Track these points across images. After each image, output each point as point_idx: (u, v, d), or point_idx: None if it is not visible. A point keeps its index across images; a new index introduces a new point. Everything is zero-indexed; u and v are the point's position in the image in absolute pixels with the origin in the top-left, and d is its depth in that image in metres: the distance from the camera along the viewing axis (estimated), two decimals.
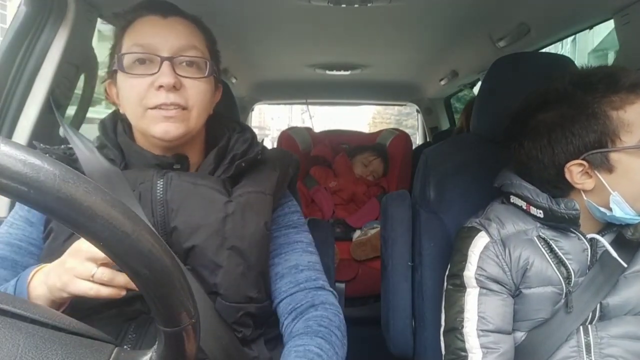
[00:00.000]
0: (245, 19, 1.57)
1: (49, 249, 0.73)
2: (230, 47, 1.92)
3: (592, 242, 0.85)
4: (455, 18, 1.53)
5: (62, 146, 0.81)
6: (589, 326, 0.86)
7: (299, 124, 5.22)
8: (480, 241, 0.89)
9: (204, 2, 1.35)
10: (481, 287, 0.86)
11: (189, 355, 0.44)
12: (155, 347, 0.43)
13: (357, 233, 2.23)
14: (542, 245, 0.85)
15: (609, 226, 0.86)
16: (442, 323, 0.91)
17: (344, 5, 1.33)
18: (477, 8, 1.43)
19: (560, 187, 0.84)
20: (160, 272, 0.39)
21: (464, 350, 0.85)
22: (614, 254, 0.81)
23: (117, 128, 0.82)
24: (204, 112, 0.80)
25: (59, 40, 1.10)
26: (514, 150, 0.89)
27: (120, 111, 0.80)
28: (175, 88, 0.73)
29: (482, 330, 0.84)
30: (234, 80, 2.45)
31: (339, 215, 2.36)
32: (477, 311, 0.85)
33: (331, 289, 0.86)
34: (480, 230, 0.90)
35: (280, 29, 1.70)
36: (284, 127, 3.16)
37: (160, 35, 0.75)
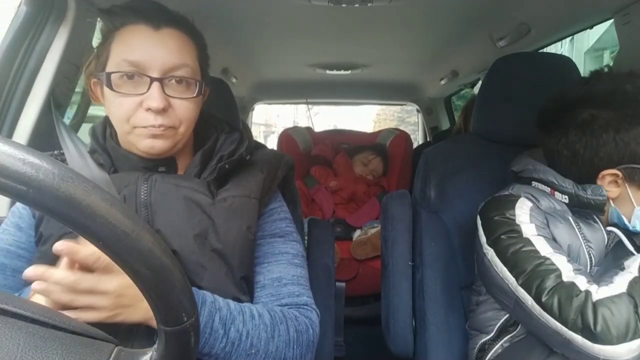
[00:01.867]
0: (245, 19, 1.56)
1: (40, 252, 0.74)
2: (230, 47, 1.92)
3: (609, 234, 0.86)
4: (455, 18, 1.53)
5: (55, 152, 0.82)
6: None
7: (304, 121, 5.20)
8: (525, 203, 0.86)
9: (204, 2, 1.35)
10: (541, 235, 0.83)
11: (189, 354, 0.44)
12: (155, 346, 0.43)
13: (358, 232, 2.23)
14: (576, 227, 0.85)
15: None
16: (510, 277, 0.82)
17: (344, 5, 1.32)
18: (477, 8, 1.43)
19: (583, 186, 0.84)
20: (160, 271, 0.39)
21: (560, 277, 0.77)
22: (631, 247, 0.82)
23: (107, 132, 0.82)
24: (191, 126, 0.79)
25: (59, 40, 1.10)
26: (553, 136, 0.86)
27: (106, 112, 0.80)
28: (164, 110, 0.72)
29: (567, 258, 0.80)
30: (234, 80, 2.45)
31: (339, 215, 2.37)
32: (552, 249, 0.81)
33: (315, 308, 0.81)
34: (520, 197, 0.88)
35: (281, 29, 1.70)
36: (290, 124, 3.15)
37: (151, 53, 0.72)
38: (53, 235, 0.73)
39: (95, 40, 1.23)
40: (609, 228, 0.86)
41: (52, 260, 0.72)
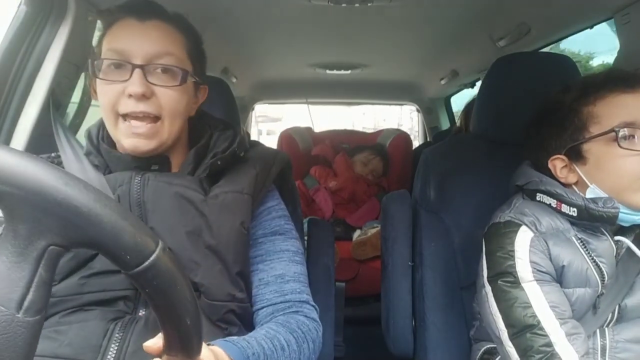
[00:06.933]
0: (245, 19, 1.56)
1: None
2: (230, 47, 1.92)
3: (617, 244, 0.84)
4: (455, 18, 1.53)
5: (52, 154, 0.83)
6: (606, 329, 0.84)
7: (408, 123, 5.27)
8: (525, 235, 0.85)
9: (204, 2, 1.35)
10: (538, 280, 0.82)
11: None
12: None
13: (357, 232, 2.23)
14: (580, 246, 0.84)
15: (625, 228, 0.85)
16: (503, 328, 0.83)
17: (344, 5, 1.33)
18: (477, 8, 1.43)
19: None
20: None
21: (550, 345, 0.78)
22: None
23: (100, 134, 0.83)
24: (178, 120, 0.79)
25: (59, 40, 1.10)
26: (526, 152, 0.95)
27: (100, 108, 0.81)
28: (145, 97, 0.73)
29: (561, 319, 0.80)
30: (234, 80, 2.45)
31: (339, 215, 2.36)
32: (547, 302, 0.81)
33: (314, 304, 0.84)
34: (521, 225, 0.86)
35: (281, 29, 1.70)
36: (395, 126, 3.20)
37: (135, 41, 0.75)
38: None
39: (96, 40, 1.23)
40: (617, 237, 0.84)
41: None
